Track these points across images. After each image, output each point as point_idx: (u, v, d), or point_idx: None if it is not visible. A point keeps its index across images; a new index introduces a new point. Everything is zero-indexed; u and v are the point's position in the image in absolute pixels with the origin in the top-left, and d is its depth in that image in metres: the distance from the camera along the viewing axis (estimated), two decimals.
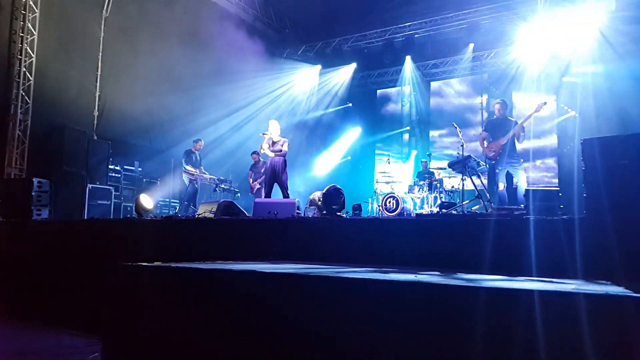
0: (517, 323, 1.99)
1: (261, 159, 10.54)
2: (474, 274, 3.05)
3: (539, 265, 3.38)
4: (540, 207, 4.39)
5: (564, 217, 3.83)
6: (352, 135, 16.41)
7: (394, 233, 4.43)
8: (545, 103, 7.68)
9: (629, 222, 3.24)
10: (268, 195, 8.52)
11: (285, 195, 8.39)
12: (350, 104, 16.37)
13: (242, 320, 2.75)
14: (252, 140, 12.15)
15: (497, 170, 7.68)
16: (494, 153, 7.66)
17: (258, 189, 10.38)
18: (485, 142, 7.91)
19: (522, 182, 7.54)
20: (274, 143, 8.61)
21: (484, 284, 2.34)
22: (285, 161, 8.61)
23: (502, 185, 7.61)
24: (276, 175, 8.49)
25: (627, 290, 2.13)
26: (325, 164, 16.04)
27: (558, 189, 5.34)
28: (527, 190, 4.82)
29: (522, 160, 7.76)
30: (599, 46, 11.27)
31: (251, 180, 10.75)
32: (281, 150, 8.54)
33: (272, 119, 9.07)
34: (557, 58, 12.39)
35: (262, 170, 10.39)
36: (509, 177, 7.69)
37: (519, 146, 7.83)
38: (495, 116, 8.10)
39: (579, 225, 3.46)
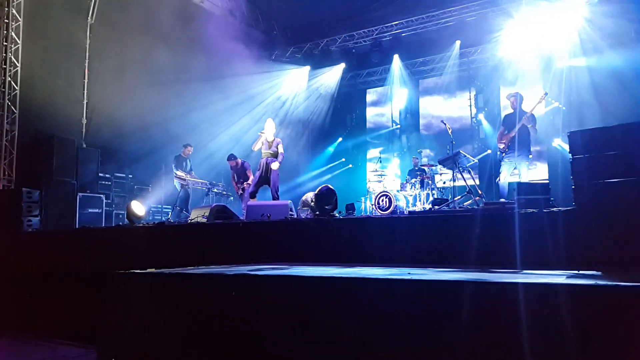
0: (511, 316, 2.01)
1: (239, 160, 10.32)
2: (467, 269, 3.07)
3: (529, 257, 3.41)
4: (531, 200, 4.41)
5: (554, 209, 3.86)
6: (343, 135, 16.43)
7: (387, 231, 4.45)
8: (546, 94, 7.78)
9: (616, 213, 3.28)
10: (253, 194, 8.40)
11: (275, 197, 8.30)
12: (343, 106, 16.36)
13: (238, 324, 2.75)
14: (244, 143, 12.13)
15: (503, 162, 7.67)
16: (504, 145, 7.67)
17: (241, 193, 9.94)
18: (501, 136, 7.89)
19: (523, 176, 7.53)
20: (268, 143, 8.53)
21: (476, 279, 2.36)
22: (279, 163, 8.52)
23: (502, 178, 7.60)
24: (268, 176, 8.36)
25: (617, 280, 2.15)
26: (317, 165, 16.06)
27: (548, 181, 5.39)
28: (518, 184, 4.85)
29: (530, 156, 7.72)
30: (583, 39, 11.39)
31: (234, 182, 10.57)
32: (276, 152, 8.45)
33: (269, 118, 8.96)
34: (543, 52, 12.49)
35: (239, 173, 10.20)
36: (513, 171, 7.66)
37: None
38: (510, 110, 8.04)
39: (568, 217, 3.50)
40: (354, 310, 2.40)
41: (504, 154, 7.68)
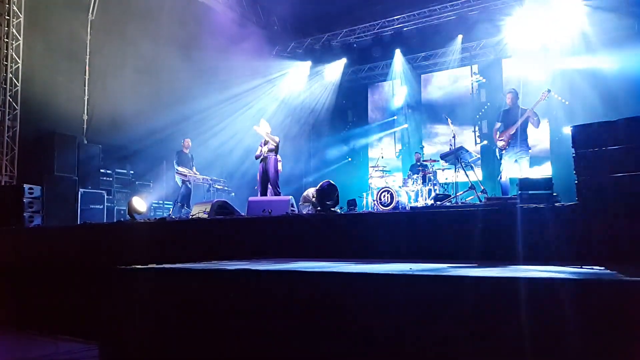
0: (513, 311, 1.99)
1: None
2: (469, 265, 3.06)
3: (532, 253, 3.39)
4: (534, 195, 4.39)
5: (557, 204, 3.84)
6: (344, 130, 16.39)
7: (389, 227, 4.43)
8: (549, 90, 7.68)
9: (620, 208, 3.26)
10: (263, 193, 8.50)
11: (277, 194, 8.38)
12: (344, 102, 16.31)
13: (240, 319, 2.74)
14: (244, 139, 12.11)
15: (503, 160, 7.62)
16: (503, 142, 7.61)
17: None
18: (497, 132, 7.84)
19: (524, 171, 7.48)
20: (265, 143, 8.63)
21: (477, 274, 2.35)
22: (276, 160, 8.60)
23: (504, 176, 7.56)
24: (267, 174, 8.50)
25: (620, 275, 2.14)
26: (318, 160, 16.03)
27: (551, 177, 5.35)
28: (520, 179, 4.83)
29: (530, 150, 7.68)
30: (586, 34, 11.32)
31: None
32: (274, 146, 8.54)
33: (262, 119, 9.06)
34: (546, 46, 12.42)
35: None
36: (515, 167, 7.61)
37: (534, 133, 7.75)
38: (507, 106, 8.00)
39: (571, 212, 3.47)
40: (354, 305, 2.39)
41: (503, 151, 7.63)
